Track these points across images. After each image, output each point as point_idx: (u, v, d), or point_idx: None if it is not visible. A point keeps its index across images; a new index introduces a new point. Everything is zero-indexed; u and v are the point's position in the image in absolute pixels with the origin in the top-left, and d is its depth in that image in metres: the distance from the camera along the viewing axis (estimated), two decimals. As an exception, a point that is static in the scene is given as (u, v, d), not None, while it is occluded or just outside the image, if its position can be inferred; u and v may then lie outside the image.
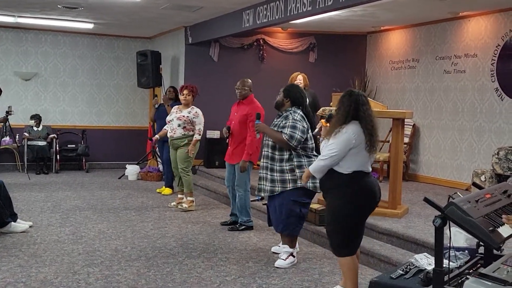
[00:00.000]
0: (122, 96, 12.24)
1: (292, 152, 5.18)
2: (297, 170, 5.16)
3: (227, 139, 6.59)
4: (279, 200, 5.24)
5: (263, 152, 5.35)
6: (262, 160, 5.35)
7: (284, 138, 5.10)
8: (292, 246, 5.33)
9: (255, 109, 6.23)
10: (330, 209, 4.21)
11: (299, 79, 8.10)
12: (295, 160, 5.18)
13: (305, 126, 5.18)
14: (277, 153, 5.22)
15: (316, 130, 4.56)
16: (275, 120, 5.36)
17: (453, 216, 2.97)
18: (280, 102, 5.30)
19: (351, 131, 4.05)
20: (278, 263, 5.25)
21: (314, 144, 5.31)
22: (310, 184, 5.16)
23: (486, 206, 3.17)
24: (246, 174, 6.45)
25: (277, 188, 5.22)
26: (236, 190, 6.54)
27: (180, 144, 7.57)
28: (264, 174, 5.31)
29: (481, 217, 3.02)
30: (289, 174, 5.18)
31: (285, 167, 5.19)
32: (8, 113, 9.88)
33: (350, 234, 4.16)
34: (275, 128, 5.23)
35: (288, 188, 5.18)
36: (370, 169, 4.22)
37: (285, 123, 5.18)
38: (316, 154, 5.27)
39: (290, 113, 5.23)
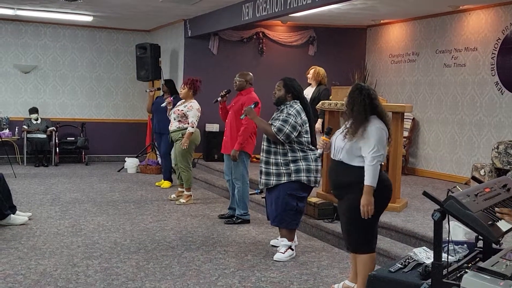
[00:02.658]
0: (121, 89, 12.22)
1: (287, 146, 5.17)
2: (291, 164, 5.16)
3: (222, 96, 6.69)
4: (275, 194, 5.23)
5: (262, 146, 5.36)
6: (261, 154, 5.36)
7: (272, 131, 5.11)
8: (291, 239, 5.33)
9: (251, 99, 6.28)
10: (352, 205, 3.99)
11: (309, 74, 8.09)
12: (289, 154, 5.18)
13: (298, 121, 5.14)
14: (272, 146, 5.23)
15: (319, 151, 4.42)
16: (274, 114, 5.36)
17: (452, 210, 2.97)
18: (283, 97, 5.28)
19: (381, 126, 3.97)
20: (277, 256, 5.25)
21: (310, 139, 5.29)
22: (305, 178, 5.17)
23: (486, 200, 3.17)
24: (243, 167, 6.47)
25: (271, 181, 5.21)
26: (235, 183, 6.55)
27: (176, 137, 7.58)
28: (261, 168, 5.34)
29: (480, 211, 3.02)
30: (283, 168, 5.17)
31: (280, 160, 5.19)
32: None
33: (372, 229, 4.07)
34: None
35: (282, 181, 5.17)
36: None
37: (279, 116, 5.19)
38: (312, 148, 5.26)
39: (287, 106, 5.24)
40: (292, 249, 5.32)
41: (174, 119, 7.59)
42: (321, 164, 5.34)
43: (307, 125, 5.26)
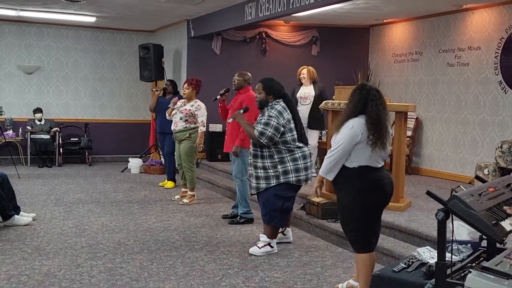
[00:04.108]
0: (124, 90, 12.24)
1: (272, 148, 5.20)
2: (279, 166, 5.21)
3: (221, 95, 6.67)
4: (263, 195, 5.33)
5: (249, 150, 5.40)
6: (249, 157, 5.41)
7: (255, 134, 5.14)
8: (271, 236, 5.39)
9: (249, 97, 6.30)
10: (339, 204, 4.14)
11: (303, 73, 8.14)
12: (275, 156, 5.22)
13: (281, 121, 5.15)
14: (259, 150, 5.27)
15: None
16: (258, 117, 5.41)
17: (456, 209, 2.96)
18: (264, 100, 5.32)
19: (356, 125, 3.96)
20: (253, 249, 5.35)
21: (296, 135, 5.27)
22: (294, 179, 5.21)
23: (489, 200, 3.16)
24: (242, 164, 6.49)
25: (262, 185, 5.29)
26: (234, 180, 6.58)
27: (182, 137, 7.57)
28: (250, 171, 5.41)
29: (484, 210, 3.01)
30: (271, 170, 5.23)
31: (267, 163, 5.24)
32: None
33: (362, 229, 4.05)
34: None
35: (272, 184, 5.24)
36: (381, 164, 4.10)
37: (261, 119, 5.23)
38: (299, 145, 5.28)
39: (268, 108, 5.27)
40: (272, 246, 5.38)
41: (181, 119, 7.57)
42: (310, 160, 5.38)
43: (292, 123, 5.25)
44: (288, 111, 5.26)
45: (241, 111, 5.75)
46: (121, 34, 12.11)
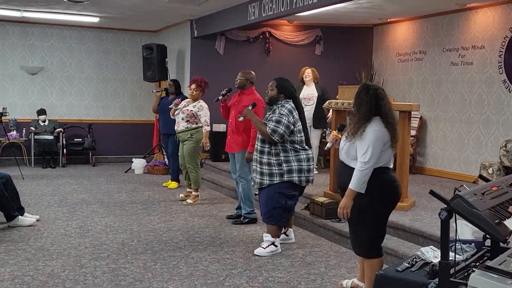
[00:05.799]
0: (128, 90, 12.25)
1: (279, 146, 5.24)
2: (284, 165, 5.24)
3: (223, 95, 6.61)
4: (266, 192, 5.33)
5: (255, 146, 5.42)
6: (254, 153, 5.44)
7: (267, 132, 5.16)
8: (275, 236, 5.40)
9: (256, 100, 6.26)
10: (356, 208, 3.92)
11: (307, 73, 8.15)
12: (281, 154, 5.25)
13: (291, 120, 5.21)
14: (266, 146, 5.30)
15: (328, 144, 4.40)
16: (266, 114, 5.42)
17: (459, 208, 2.95)
18: (275, 97, 5.37)
19: (380, 128, 3.88)
20: (258, 251, 5.35)
21: (303, 137, 5.34)
22: (296, 178, 5.24)
23: (493, 199, 3.15)
24: (247, 164, 6.48)
25: (265, 181, 5.31)
26: (239, 181, 6.57)
27: (184, 137, 7.57)
28: (254, 166, 5.43)
29: (487, 209, 3.00)
30: (276, 168, 5.25)
31: (272, 160, 5.27)
32: (2, 114, 9.88)
33: (378, 233, 4.01)
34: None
35: (275, 182, 5.26)
36: (392, 165, 4.07)
37: (272, 116, 5.25)
38: (305, 147, 5.29)
39: (278, 107, 5.33)
40: (276, 246, 5.39)
41: (182, 119, 7.57)
42: (313, 164, 5.43)
43: (300, 123, 5.32)
44: (296, 112, 5.32)
45: (250, 108, 5.75)
46: (124, 34, 12.13)
